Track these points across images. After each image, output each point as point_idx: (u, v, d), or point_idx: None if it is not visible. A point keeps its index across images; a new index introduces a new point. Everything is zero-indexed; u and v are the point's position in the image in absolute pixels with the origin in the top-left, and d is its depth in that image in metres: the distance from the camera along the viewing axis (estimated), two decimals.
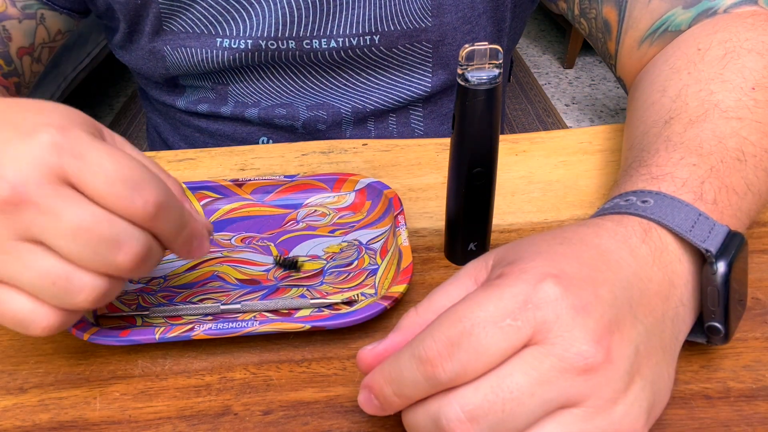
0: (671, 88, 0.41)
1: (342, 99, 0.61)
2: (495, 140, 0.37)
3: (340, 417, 0.33)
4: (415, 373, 0.26)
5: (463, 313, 0.26)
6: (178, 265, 0.43)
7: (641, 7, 0.48)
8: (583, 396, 0.25)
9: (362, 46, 0.57)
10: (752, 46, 0.41)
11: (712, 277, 0.30)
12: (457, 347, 0.25)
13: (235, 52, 0.57)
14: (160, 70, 0.61)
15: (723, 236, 0.31)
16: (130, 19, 0.58)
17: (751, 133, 0.36)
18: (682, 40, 0.45)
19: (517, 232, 0.45)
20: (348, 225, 0.45)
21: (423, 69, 0.60)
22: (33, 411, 0.34)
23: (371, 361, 0.29)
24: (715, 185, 0.33)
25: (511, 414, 0.25)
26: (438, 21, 0.56)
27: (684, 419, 0.32)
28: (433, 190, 0.49)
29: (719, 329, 0.31)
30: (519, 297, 0.26)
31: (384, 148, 0.54)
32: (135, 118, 2.36)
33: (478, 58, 0.34)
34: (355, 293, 0.40)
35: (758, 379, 0.34)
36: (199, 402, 0.34)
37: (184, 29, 0.57)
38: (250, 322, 0.35)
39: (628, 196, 0.33)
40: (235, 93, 0.62)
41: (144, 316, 0.39)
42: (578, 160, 0.52)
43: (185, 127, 0.67)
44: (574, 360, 0.25)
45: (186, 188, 0.47)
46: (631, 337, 0.26)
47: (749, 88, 0.38)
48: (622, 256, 0.29)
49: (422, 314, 0.29)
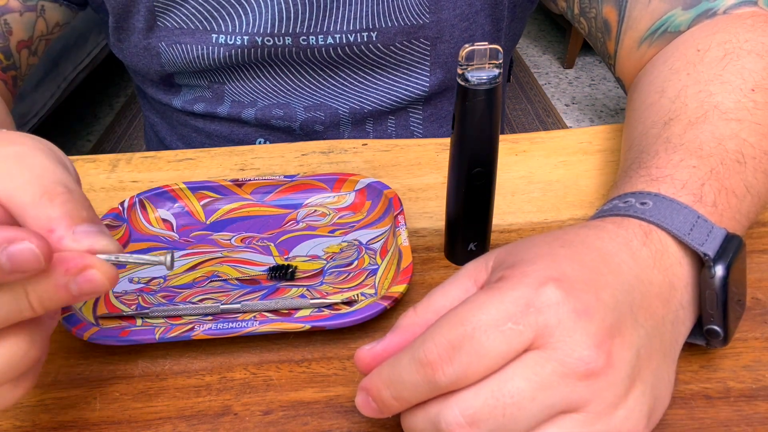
0: (670, 89, 0.41)
1: (339, 99, 0.61)
2: (495, 140, 0.37)
3: (340, 417, 0.33)
4: (414, 376, 0.26)
5: (465, 316, 0.26)
6: (178, 265, 0.43)
7: (641, 8, 0.48)
8: (584, 401, 0.25)
9: (359, 43, 0.57)
10: (752, 47, 0.41)
11: (710, 281, 0.30)
12: (458, 350, 0.25)
13: (231, 48, 0.57)
14: (156, 67, 0.61)
15: (721, 239, 0.30)
16: (118, 12, 0.58)
17: (751, 134, 0.36)
18: (682, 41, 0.45)
19: (517, 232, 0.45)
20: (348, 225, 0.45)
21: (421, 68, 0.60)
22: (33, 411, 0.34)
23: (369, 361, 0.29)
24: (714, 187, 0.33)
25: (511, 419, 0.24)
26: (435, 18, 0.56)
27: (684, 419, 0.32)
28: (433, 190, 0.49)
29: (718, 332, 0.31)
30: (521, 300, 0.26)
31: (384, 148, 0.54)
32: (135, 118, 2.36)
33: (478, 58, 0.34)
34: (355, 293, 0.40)
35: (758, 379, 0.34)
36: (199, 402, 0.34)
37: (178, 25, 0.57)
38: (250, 322, 0.35)
39: (627, 197, 0.33)
40: (231, 92, 0.62)
41: (144, 316, 0.39)
42: (578, 160, 0.52)
43: (182, 127, 0.67)
44: (575, 365, 0.25)
45: (186, 187, 0.47)
46: (632, 341, 0.26)
47: (749, 89, 0.38)
48: (624, 259, 0.29)
49: (421, 314, 0.29)
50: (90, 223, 0.27)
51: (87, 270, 0.26)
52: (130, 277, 0.42)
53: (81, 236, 0.26)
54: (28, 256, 0.23)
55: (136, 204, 0.46)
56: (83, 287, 0.26)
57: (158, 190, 0.47)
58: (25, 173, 0.27)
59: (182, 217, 0.47)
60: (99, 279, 0.26)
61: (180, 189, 0.47)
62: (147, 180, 0.51)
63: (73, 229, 0.26)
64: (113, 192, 0.50)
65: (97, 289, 0.26)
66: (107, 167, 0.53)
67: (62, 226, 0.26)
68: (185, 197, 0.47)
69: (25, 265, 0.23)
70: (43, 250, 0.24)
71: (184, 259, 0.43)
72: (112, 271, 0.26)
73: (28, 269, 0.24)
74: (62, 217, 0.26)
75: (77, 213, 0.27)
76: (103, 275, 0.26)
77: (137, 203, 0.46)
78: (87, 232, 0.26)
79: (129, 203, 0.45)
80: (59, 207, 0.26)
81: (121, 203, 0.45)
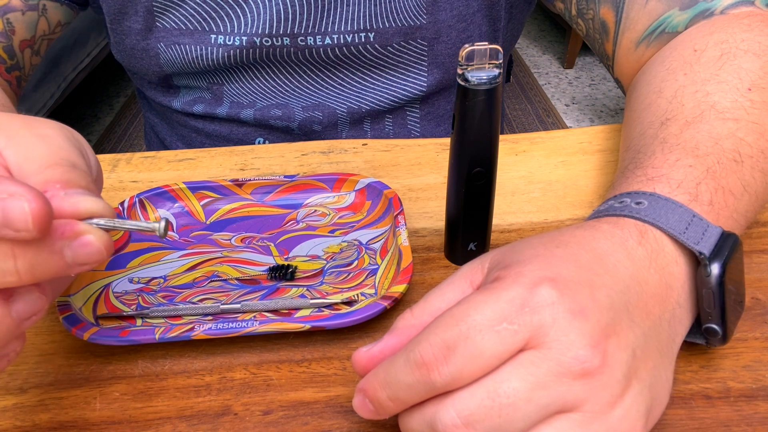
0: (667, 89, 0.41)
1: (337, 99, 0.61)
2: (495, 140, 0.37)
3: (340, 417, 0.33)
4: (410, 377, 0.26)
5: (460, 316, 0.26)
6: (178, 265, 0.43)
7: (638, 9, 0.49)
8: (581, 401, 0.25)
9: (357, 43, 0.57)
10: (748, 46, 0.41)
11: (706, 280, 0.30)
12: (453, 351, 0.25)
13: (230, 49, 0.57)
14: (154, 68, 0.61)
15: (716, 238, 0.30)
16: (113, 12, 0.58)
17: (748, 134, 0.36)
18: (679, 42, 0.45)
19: (517, 232, 0.45)
20: (348, 225, 0.46)
21: (418, 68, 0.60)
22: (33, 411, 0.34)
23: (366, 363, 0.29)
24: (711, 186, 0.33)
25: (507, 419, 0.24)
26: (433, 18, 0.57)
27: (684, 419, 0.32)
28: (433, 190, 0.49)
29: (717, 331, 0.31)
30: (516, 301, 0.26)
31: (384, 148, 0.54)
32: (135, 118, 2.36)
33: (478, 58, 0.34)
34: (355, 293, 0.40)
35: (758, 379, 0.34)
36: (199, 402, 0.34)
37: (177, 26, 0.57)
38: (250, 322, 0.35)
39: (623, 197, 0.33)
40: (230, 93, 0.62)
41: (144, 316, 0.39)
42: (578, 160, 0.52)
43: (182, 127, 0.67)
44: (570, 364, 0.25)
45: (186, 187, 0.47)
46: (628, 340, 0.26)
47: (745, 88, 0.38)
48: (619, 259, 0.29)
49: (417, 316, 0.29)
50: (85, 190, 0.27)
51: (82, 235, 0.25)
52: (130, 277, 0.42)
53: (72, 195, 0.26)
54: (20, 214, 0.22)
55: (136, 204, 0.46)
56: (78, 252, 0.25)
57: (158, 190, 0.47)
58: (40, 148, 0.27)
59: (182, 217, 0.47)
60: (95, 244, 0.25)
61: (180, 189, 0.47)
62: (147, 180, 0.51)
63: (66, 191, 0.26)
64: (113, 192, 0.50)
65: (92, 256, 0.25)
66: (107, 167, 0.53)
67: (56, 188, 0.26)
68: (185, 197, 0.47)
69: (17, 224, 0.22)
70: (41, 212, 0.23)
71: (184, 259, 0.43)
72: (107, 239, 0.26)
73: (20, 228, 0.23)
74: (58, 181, 0.26)
75: (75, 182, 0.27)
76: (98, 240, 0.25)
77: (137, 203, 0.46)
78: (80, 193, 0.26)
79: (129, 203, 0.46)
80: (59, 174, 0.26)
81: (121, 203, 0.45)
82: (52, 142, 0.28)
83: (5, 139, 0.27)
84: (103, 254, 0.26)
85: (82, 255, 0.25)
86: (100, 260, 0.26)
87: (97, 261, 0.26)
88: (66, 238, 0.25)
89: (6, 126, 0.28)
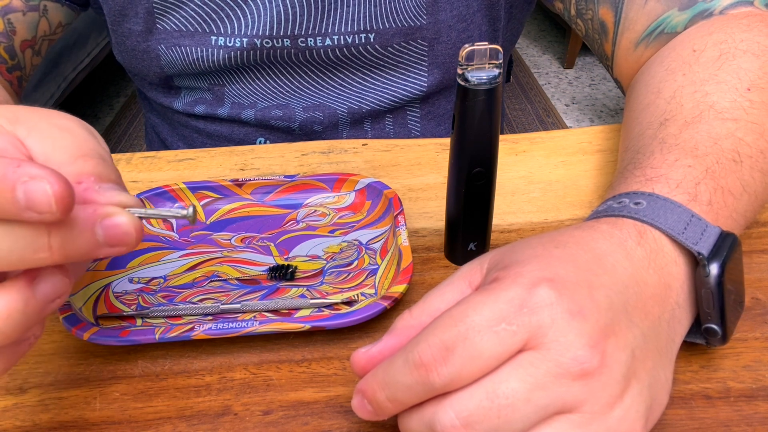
0: (666, 90, 0.41)
1: (338, 100, 0.62)
2: (495, 140, 0.37)
3: (340, 417, 0.33)
4: (409, 378, 0.26)
5: (459, 317, 0.26)
6: (178, 265, 0.43)
7: (637, 9, 0.49)
8: (580, 401, 0.25)
9: (357, 44, 0.57)
10: (747, 47, 0.41)
11: (705, 280, 0.30)
12: (452, 352, 0.25)
13: (230, 50, 0.57)
14: (155, 69, 0.61)
15: (715, 238, 0.30)
16: (114, 14, 0.58)
17: (747, 134, 0.36)
18: (678, 42, 0.45)
19: (517, 232, 0.45)
20: (348, 225, 0.46)
21: (418, 68, 0.60)
22: (33, 411, 0.34)
23: (365, 363, 0.29)
24: (710, 186, 0.33)
25: (506, 420, 0.24)
26: (433, 19, 0.57)
27: (684, 419, 0.32)
28: (433, 190, 0.49)
29: (716, 331, 0.31)
30: (514, 301, 0.26)
31: (384, 148, 0.54)
32: (135, 118, 2.36)
33: (478, 58, 0.34)
34: (355, 293, 0.40)
35: (758, 379, 0.34)
36: (199, 402, 0.34)
37: (177, 27, 0.57)
38: (250, 322, 0.35)
39: (621, 198, 0.33)
40: (231, 94, 0.62)
41: (144, 316, 0.39)
42: (578, 160, 0.52)
43: (183, 127, 0.68)
44: (569, 365, 0.25)
45: (186, 187, 0.47)
46: (627, 341, 0.26)
47: (744, 89, 0.38)
48: (618, 260, 0.29)
49: (416, 317, 0.29)
50: (116, 184, 0.27)
51: (114, 216, 0.25)
52: (130, 277, 0.42)
53: (106, 190, 0.26)
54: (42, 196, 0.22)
55: None
56: (110, 232, 0.25)
57: (158, 190, 0.47)
58: (67, 139, 0.27)
59: None
60: (126, 225, 0.25)
61: (180, 189, 0.47)
62: (147, 180, 0.51)
63: (100, 184, 0.26)
64: None
65: (124, 238, 0.25)
66: None
67: (90, 180, 0.26)
68: (185, 197, 0.47)
69: (40, 206, 0.22)
70: (64, 193, 0.22)
71: (184, 259, 0.43)
72: (138, 222, 0.26)
73: (43, 210, 0.22)
74: (91, 174, 0.26)
75: (107, 175, 0.27)
76: (130, 222, 0.25)
77: None
78: (113, 188, 0.27)
79: None
80: (91, 167, 0.27)
81: None
82: (76, 134, 0.28)
83: (26, 130, 0.27)
84: (132, 236, 0.26)
85: (113, 236, 0.25)
86: (130, 243, 0.26)
87: (126, 244, 0.26)
88: (98, 216, 0.25)
89: (25, 117, 0.28)
